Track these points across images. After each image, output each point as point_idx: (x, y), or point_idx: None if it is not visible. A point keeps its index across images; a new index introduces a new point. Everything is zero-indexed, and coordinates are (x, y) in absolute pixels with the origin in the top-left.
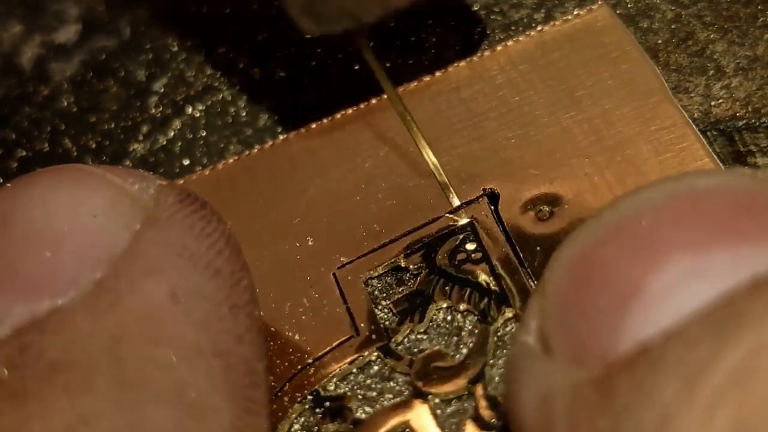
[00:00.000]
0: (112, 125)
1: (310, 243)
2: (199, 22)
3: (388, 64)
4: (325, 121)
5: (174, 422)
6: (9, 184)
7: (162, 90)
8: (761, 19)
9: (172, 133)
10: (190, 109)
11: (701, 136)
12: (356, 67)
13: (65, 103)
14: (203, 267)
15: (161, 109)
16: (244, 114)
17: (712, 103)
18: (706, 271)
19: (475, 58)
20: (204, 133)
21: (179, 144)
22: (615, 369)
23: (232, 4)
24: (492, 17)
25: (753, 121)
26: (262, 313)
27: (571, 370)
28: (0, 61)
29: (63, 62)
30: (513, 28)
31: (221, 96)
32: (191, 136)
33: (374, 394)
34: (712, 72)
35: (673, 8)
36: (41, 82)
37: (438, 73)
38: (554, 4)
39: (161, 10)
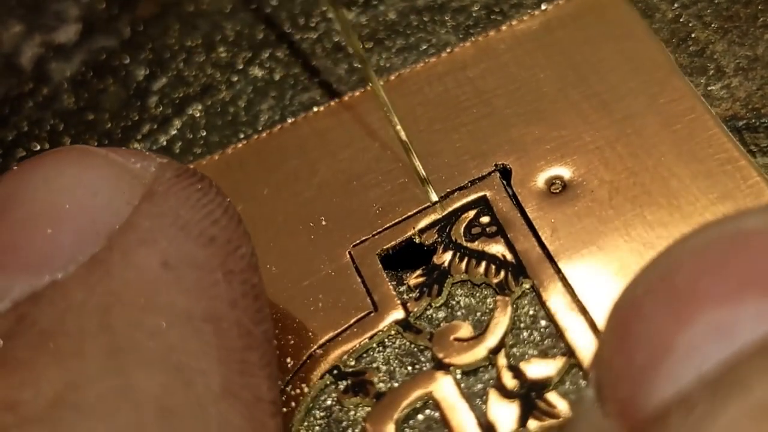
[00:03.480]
0: (113, 125)
1: (323, 222)
2: (199, 22)
3: (388, 65)
4: (332, 103)
5: (161, 386)
6: (15, 167)
7: (162, 89)
8: (761, 19)
9: (172, 133)
10: (190, 109)
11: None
12: (357, 67)
13: (65, 103)
14: (196, 235)
15: (161, 108)
16: (243, 114)
17: (713, 103)
18: (731, 326)
19: (480, 38)
20: (204, 133)
21: (179, 144)
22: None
23: (231, 4)
24: (492, 17)
25: (753, 121)
26: (281, 292)
27: (613, 424)
28: (0, 61)
29: (63, 62)
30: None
31: (221, 96)
32: (191, 135)
33: (395, 367)
34: (712, 72)
35: (673, 8)
36: (41, 81)
37: (443, 54)
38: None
39: (161, 9)
